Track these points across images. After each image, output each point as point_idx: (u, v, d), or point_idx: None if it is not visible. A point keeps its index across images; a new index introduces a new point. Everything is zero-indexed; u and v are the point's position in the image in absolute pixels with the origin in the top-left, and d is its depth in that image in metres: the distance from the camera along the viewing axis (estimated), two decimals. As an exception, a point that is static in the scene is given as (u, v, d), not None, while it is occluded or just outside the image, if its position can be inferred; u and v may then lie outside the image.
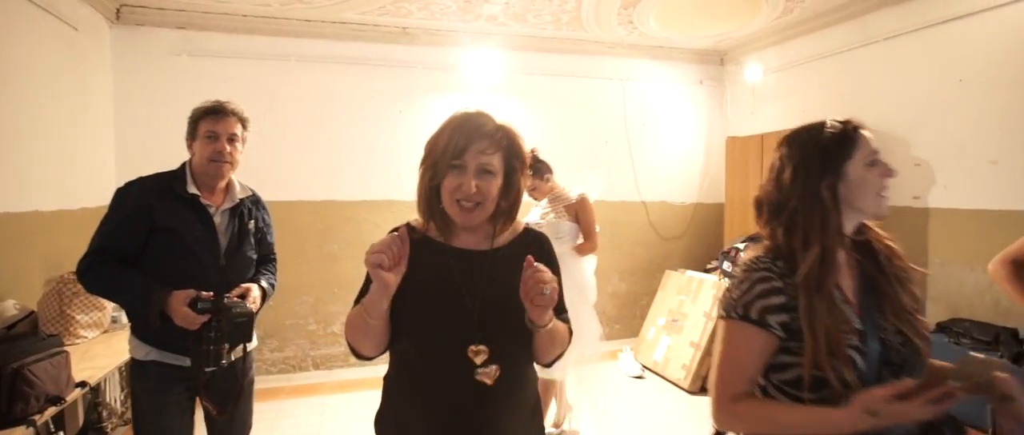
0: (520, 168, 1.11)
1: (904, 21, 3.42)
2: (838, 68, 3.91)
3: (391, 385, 1.16)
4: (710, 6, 3.75)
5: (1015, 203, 2.91)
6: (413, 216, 1.17)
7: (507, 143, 1.09)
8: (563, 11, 3.78)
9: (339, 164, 4.04)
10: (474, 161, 1.05)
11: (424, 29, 4.06)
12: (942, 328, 3.13)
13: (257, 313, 1.71)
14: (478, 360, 1.02)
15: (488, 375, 1.03)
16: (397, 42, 4.09)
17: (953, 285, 3.23)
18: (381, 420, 1.17)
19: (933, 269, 3.33)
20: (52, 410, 1.98)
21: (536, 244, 1.19)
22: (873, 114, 3.66)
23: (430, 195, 1.10)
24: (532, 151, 2.00)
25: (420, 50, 4.15)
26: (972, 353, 2.36)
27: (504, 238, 1.16)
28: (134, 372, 1.68)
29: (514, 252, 1.12)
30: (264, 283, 1.81)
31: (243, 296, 1.68)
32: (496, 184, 1.08)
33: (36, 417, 1.90)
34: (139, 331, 1.65)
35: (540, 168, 2.83)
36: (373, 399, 1.18)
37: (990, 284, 3.02)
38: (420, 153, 1.12)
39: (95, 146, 3.37)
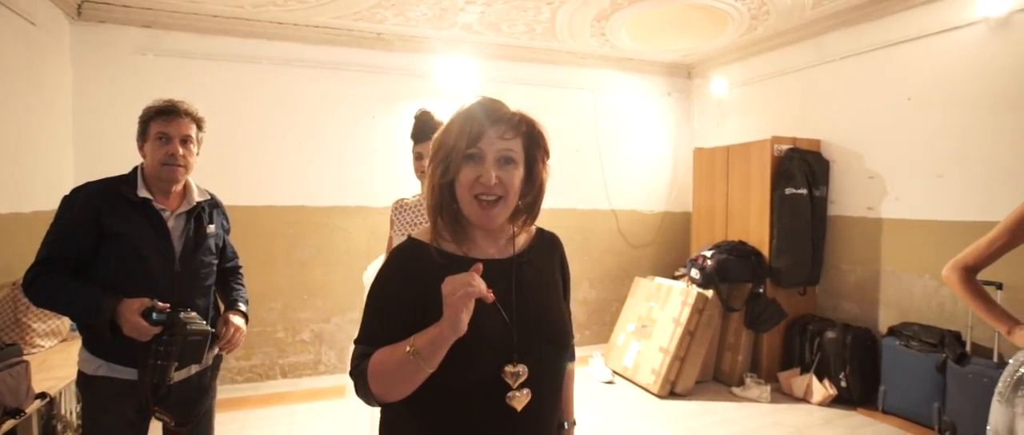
0: (542, 159, 1.00)
1: (857, 42, 3.64)
2: (798, 85, 4.11)
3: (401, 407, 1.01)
4: (680, 21, 3.88)
5: (959, 214, 3.12)
6: (384, 221, 1.12)
7: (526, 129, 0.97)
8: (537, 21, 3.84)
9: (310, 169, 3.97)
10: (492, 148, 0.93)
11: (398, 35, 4.06)
12: (893, 331, 3.31)
13: (227, 337, 1.71)
14: (515, 382, 0.93)
15: (519, 399, 0.93)
16: (371, 48, 4.07)
17: (903, 291, 3.43)
18: None
19: (885, 276, 3.53)
20: (10, 423, 1.89)
21: (552, 246, 1.12)
22: (830, 129, 3.87)
23: (443, 196, 0.97)
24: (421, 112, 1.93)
25: (394, 56, 4.14)
26: None
27: (521, 242, 1.07)
28: (82, 387, 1.61)
29: (537, 256, 1.07)
30: (244, 308, 1.81)
31: (231, 331, 1.70)
32: (518, 175, 0.96)
33: (-9, 431, 1.81)
34: (90, 344, 1.57)
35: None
36: (343, 407, 1.10)
37: (937, 289, 3.22)
38: (393, 159, 1.06)
39: (52, 146, 3.23)
